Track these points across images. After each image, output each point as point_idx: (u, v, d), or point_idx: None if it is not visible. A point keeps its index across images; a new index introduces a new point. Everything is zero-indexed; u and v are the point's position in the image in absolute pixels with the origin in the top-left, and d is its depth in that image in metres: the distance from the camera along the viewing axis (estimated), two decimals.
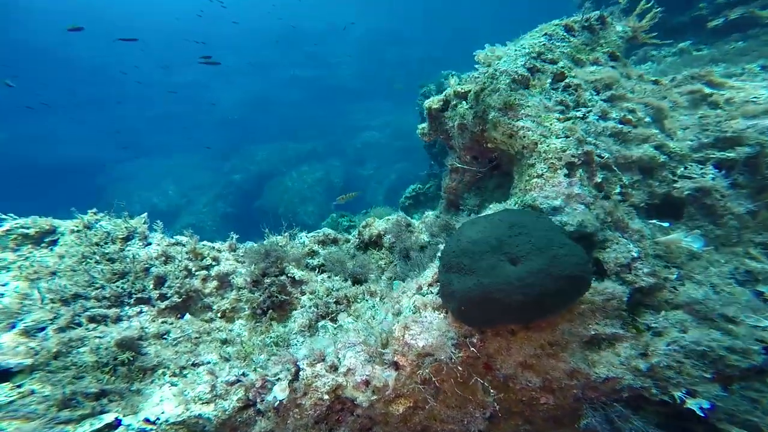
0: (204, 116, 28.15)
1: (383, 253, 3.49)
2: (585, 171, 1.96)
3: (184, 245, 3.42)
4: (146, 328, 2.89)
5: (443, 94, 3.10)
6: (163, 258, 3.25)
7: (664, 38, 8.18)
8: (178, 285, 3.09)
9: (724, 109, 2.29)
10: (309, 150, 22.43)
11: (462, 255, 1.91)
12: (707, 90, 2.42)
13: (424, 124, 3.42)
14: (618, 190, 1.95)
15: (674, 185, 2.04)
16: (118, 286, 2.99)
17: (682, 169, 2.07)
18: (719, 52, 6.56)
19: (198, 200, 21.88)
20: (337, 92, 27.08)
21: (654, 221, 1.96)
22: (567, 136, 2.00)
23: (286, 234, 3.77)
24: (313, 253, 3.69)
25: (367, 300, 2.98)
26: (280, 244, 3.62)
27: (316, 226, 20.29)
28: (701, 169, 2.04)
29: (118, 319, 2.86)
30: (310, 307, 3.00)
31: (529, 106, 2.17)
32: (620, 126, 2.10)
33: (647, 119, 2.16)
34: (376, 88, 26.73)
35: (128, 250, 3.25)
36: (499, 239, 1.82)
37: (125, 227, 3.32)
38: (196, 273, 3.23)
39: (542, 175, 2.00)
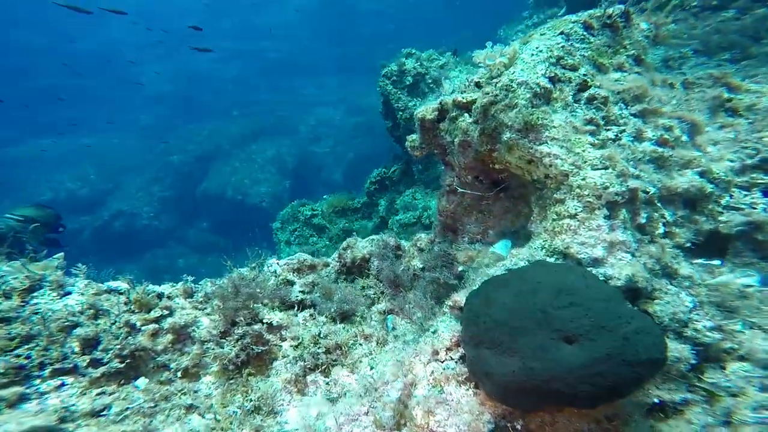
0: (126, 91, 24.65)
1: (371, 281, 3.09)
2: (628, 211, 1.68)
3: (121, 293, 2.75)
4: (73, 406, 2.28)
5: (438, 101, 2.63)
6: (92, 312, 2.58)
7: None
8: (118, 346, 2.47)
9: (747, 118, 2.11)
10: (257, 128, 20.68)
11: (495, 327, 1.57)
12: (726, 95, 2.22)
13: (415, 136, 2.94)
14: (662, 230, 1.71)
15: (720, 219, 1.84)
16: (18, 356, 2.30)
17: (728, 198, 1.88)
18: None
19: (128, 184, 19.57)
20: (283, 67, 24.94)
21: (701, 260, 1.77)
22: (606, 167, 1.69)
23: (254, 264, 3.21)
24: (288, 283, 3.19)
25: (361, 344, 2.61)
26: (247, 277, 3.07)
27: (271, 208, 19.17)
28: (748, 196, 1.86)
29: (20, 401, 2.20)
30: (294, 358, 2.56)
31: (554, 127, 1.82)
32: (660, 149, 1.83)
33: (684, 137, 1.91)
34: (326, 62, 24.92)
35: (35, 304, 2.52)
36: (543, 310, 1.49)
37: (26, 278, 2.55)
38: (143, 328, 2.62)
39: (576, 215, 1.69)
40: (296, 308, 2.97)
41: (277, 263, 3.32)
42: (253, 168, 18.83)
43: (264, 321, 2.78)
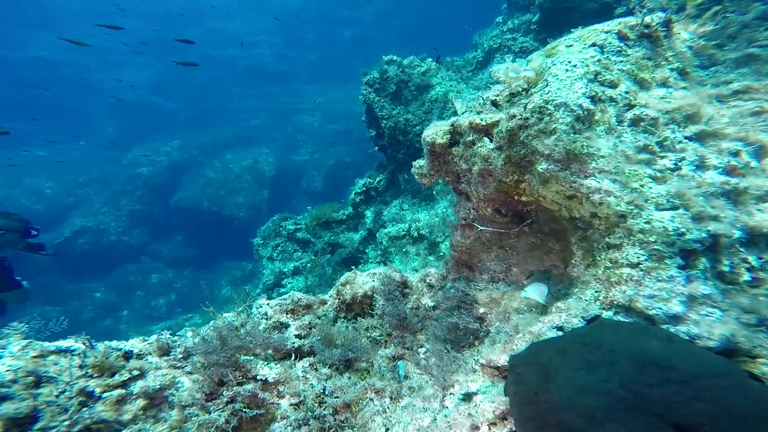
0: (86, 101, 22.95)
1: (375, 321, 2.72)
2: (709, 259, 1.41)
3: (75, 354, 2.24)
4: None
5: (449, 122, 2.31)
6: (30, 380, 2.07)
7: (579, 23, 8.27)
8: (65, 422, 1.99)
9: None
10: (231, 136, 19.78)
11: (565, 410, 1.24)
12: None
13: (422, 162, 2.60)
14: (748, 277, 1.45)
15: None
16: None
17: None
18: None
19: (92, 199, 18.22)
20: (256, 74, 24.03)
21: None
22: (676, 207, 1.42)
23: (241, 308, 2.77)
24: (281, 326, 2.77)
25: (372, 400, 2.24)
26: (233, 324, 2.63)
27: (249, 219, 18.37)
28: None
29: None
30: (297, 422, 2.15)
31: (603, 157, 1.53)
32: (731, 179, 1.57)
33: (754, 163, 1.65)
34: (302, 69, 24.20)
35: None
36: (630, 388, 1.18)
37: None
38: (104, 395, 2.13)
39: (638, 264, 1.41)
40: (294, 357, 2.56)
41: (268, 304, 2.89)
42: (229, 178, 17.99)
43: (257, 377, 2.35)
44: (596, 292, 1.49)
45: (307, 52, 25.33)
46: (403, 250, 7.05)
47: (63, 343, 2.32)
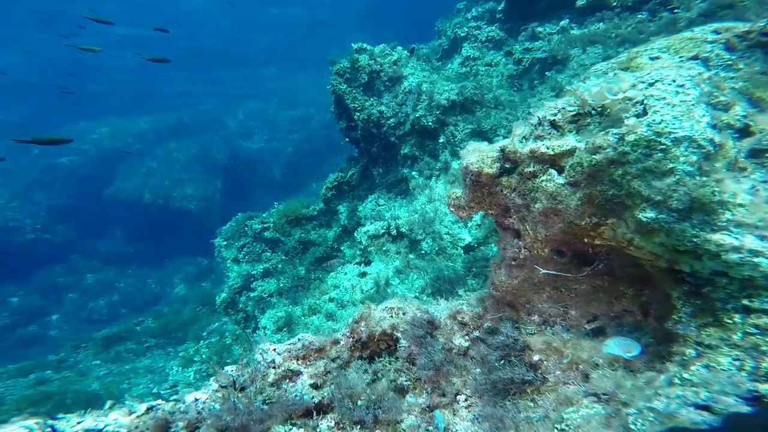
0: None
1: (400, 364, 2.28)
2: None
3: None
4: None
5: (497, 148, 1.86)
6: None
7: (543, 13, 8.20)
8: None
9: None
10: (173, 123, 17.51)
11: None
12: None
13: (459, 192, 2.12)
14: None
15: None
16: None
17: None
18: (590, 32, 6.76)
19: None
20: (200, 56, 21.31)
21: None
22: None
23: (244, 360, 2.17)
24: (292, 375, 2.23)
25: None
26: (239, 380, 2.04)
27: (202, 211, 16.64)
28: None
29: None
30: None
31: (741, 205, 1.21)
32: None
33: None
34: (254, 53, 21.85)
35: None
36: None
37: None
38: None
39: None
40: (315, 414, 2.06)
41: (275, 350, 2.31)
42: (174, 168, 16.05)
43: None
44: (737, 360, 1.21)
45: (261, 34, 23.01)
46: (383, 248, 6.63)
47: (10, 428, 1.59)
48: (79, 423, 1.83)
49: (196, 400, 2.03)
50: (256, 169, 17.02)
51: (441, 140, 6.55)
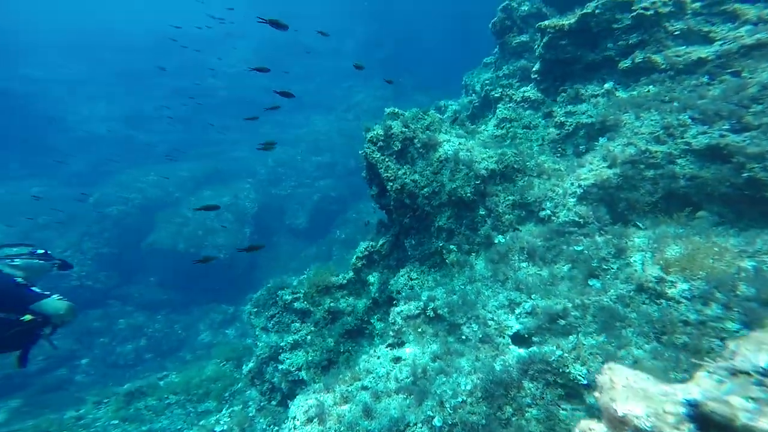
0: (50, 133, 20.46)
1: None
2: None
3: None
4: None
5: (679, 395, 1.29)
6: None
7: (582, 74, 7.75)
8: None
9: None
10: (210, 171, 18.15)
11: None
12: None
13: None
14: None
15: None
16: None
17: None
18: (639, 95, 6.18)
19: (52, 243, 16.13)
20: (236, 105, 22.55)
21: None
22: None
23: None
24: None
25: None
26: None
27: (230, 260, 16.60)
28: None
29: None
30: None
31: None
32: None
33: None
34: (283, 100, 22.91)
35: None
36: None
37: None
38: None
39: None
40: None
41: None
42: (207, 216, 16.35)
43: None
44: None
45: (290, 82, 24.22)
46: (419, 330, 5.97)
47: None
48: None
49: None
50: (283, 216, 17.05)
51: (481, 212, 6.00)
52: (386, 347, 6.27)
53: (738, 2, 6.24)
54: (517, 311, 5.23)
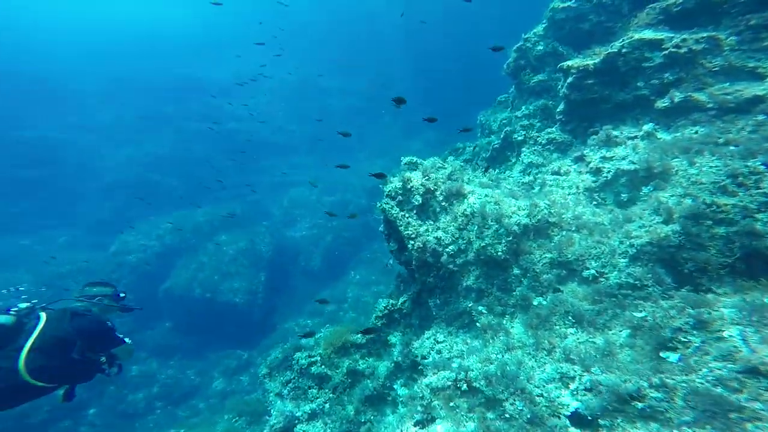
0: (78, 181, 21.10)
1: None
2: None
3: None
4: None
5: None
6: None
7: (611, 114, 7.21)
8: None
9: None
10: (227, 215, 18.11)
11: None
12: None
13: None
14: None
15: None
16: None
17: None
18: (684, 138, 5.55)
19: (71, 291, 15.95)
20: (253, 147, 23.03)
21: None
22: None
23: None
24: None
25: None
26: None
27: (246, 306, 15.99)
28: None
29: None
30: None
31: None
32: None
33: None
34: (298, 142, 23.31)
35: None
36: None
37: None
38: None
39: None
40: None
41: None
42: (223, 261, 16.03)
43: None
44: None
45: (303, 124, 24.68)
46: (450, 404, 5.13)
47: None
48: None
49: None
50: (298, 258, 16.57)
51: (515, 272, 5.30)
52: (414, 425, 5.41)
53: None
54: (572, 387, 4.39)
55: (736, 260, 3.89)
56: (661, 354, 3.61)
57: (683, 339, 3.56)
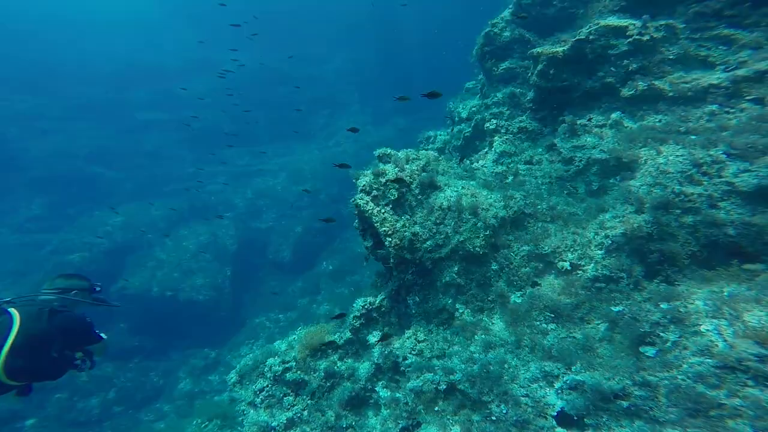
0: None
1: None
2: None
3: None
4: None
5: None
6: None
7: (581, 102, 7.18)
8: None
9: None
10: (185, 208, 16.58)
11: None
12: None
13: None
14: None
15: None
16: None
17: None
18: (649, 126, 5.61)
19: (3, 294, 13.98)
20: (210, 136, 21.06)
21: None
22: None
23: None
24: None
25: None
26: None
27: (211, 302, 14.93)
28: None
29: None
30: None
31: None
32: None
33: None
34: (261, 131, 21.62)
35: None
36: None
37: None
38: None
39: None
40: None
41: None
42: (183, 258, 14.74)
43: None
44: None
45: (267, 110, 22.95)
46: (435, 408, 4.95)
47: None
48: None
49: None
50: (266, 251, 15.67)
51: (493, 267, 5.12)
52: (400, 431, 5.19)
53: (726, 27, 5.77)
54: (556, 385, 4.33)
55: (700, 249, 3.92)
56: (641, 349, 3.57)
57: (662, 334, 3.53)
